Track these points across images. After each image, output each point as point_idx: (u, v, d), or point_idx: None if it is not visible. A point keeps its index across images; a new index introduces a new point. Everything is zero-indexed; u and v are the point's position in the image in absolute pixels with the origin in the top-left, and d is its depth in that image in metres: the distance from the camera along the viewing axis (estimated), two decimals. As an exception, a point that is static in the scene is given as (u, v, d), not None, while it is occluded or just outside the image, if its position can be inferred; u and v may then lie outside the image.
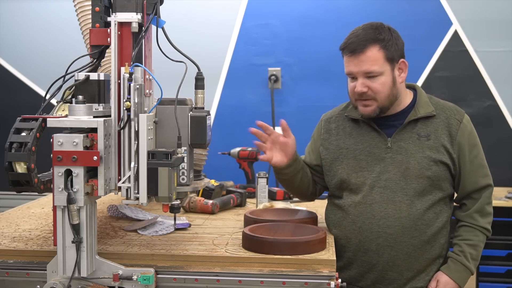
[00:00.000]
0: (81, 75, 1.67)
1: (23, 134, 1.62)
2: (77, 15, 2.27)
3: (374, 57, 1.95)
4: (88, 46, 1.93)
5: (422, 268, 2.02)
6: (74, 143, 1.54)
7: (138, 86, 1.59)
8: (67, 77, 1.75)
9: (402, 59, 2.01)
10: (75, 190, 1.55)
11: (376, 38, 1.95)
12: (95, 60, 1.72)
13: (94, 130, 1.57)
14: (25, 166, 1.60)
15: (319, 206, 2.46)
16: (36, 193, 1.75)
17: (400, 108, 2.05)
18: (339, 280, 1.68)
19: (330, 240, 1.97)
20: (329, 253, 1.82)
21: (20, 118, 1.67)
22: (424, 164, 1.98)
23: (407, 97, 2.07)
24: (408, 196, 1.98)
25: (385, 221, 1.99)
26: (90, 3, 1.70)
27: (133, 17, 1.62)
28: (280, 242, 1.80)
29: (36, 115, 1.67)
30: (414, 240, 1.98)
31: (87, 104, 1.61)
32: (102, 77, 1.68)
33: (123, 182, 1.60)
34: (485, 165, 2.07)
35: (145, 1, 1.65)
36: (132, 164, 1.60)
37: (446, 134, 2.01)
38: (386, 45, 1.96)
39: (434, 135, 2.01)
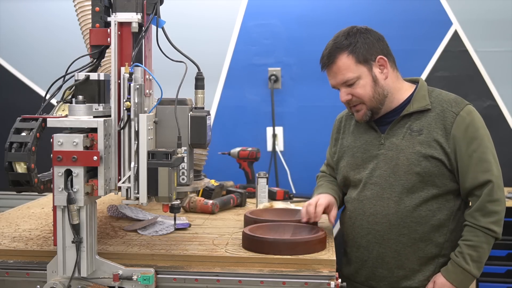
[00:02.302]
0: (81, 75, 1.67)
1: (23, 134, 1.62)
2: (77, 15, 2.27)
3: (344, 65, 1.97)
4: (88, 46, 1.93)
5: (416, 267, 1.99)
6: (74, 143, 1.54)
7: (138, 86, 1.59)
8: (67, 77, 1.75)
9: (379, 56, 1.99)
10: (75, 190, 1.55)
11: (341, 46, 1.98)
12: (95, 60, 1.72)
13: (94, 130, 1.57)
14: (25, 166, 1.60)
15: (319, 206, 2.45)
16: (36, 193, 1.75)
17: (395, 104, 2.04)
18: (339, 280, 1.68)
19: (330, 240, 1.97)
20: (329, 253, 1.82)
21: (20, 118, 1.67)
22: (413, 160, 1.95)
23: (404, 92, 2.05)
24: (396, 192, 1.97)
25: (373, 218, 2.00)
26: (90, 3, 1.71)
27: (133, 17, 1.62)
28: (280, 242, 1.80)
29: (36, 115, 1.67)
30: (402, 238, 1.97)
31: (87, 104, 1.61)
32: (102, 77, 1.68)
33: (123, 182, 1.60)
34: (487, 160, 1.95)
35: (145, 1, 1.65)
36: (132, 164, 1.60)
37: (441, 128, 1.96)
38: (353, 49, 1.97)
39: (427, 129, 1.97)
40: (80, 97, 1.62)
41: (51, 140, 1.55)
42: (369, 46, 1.99)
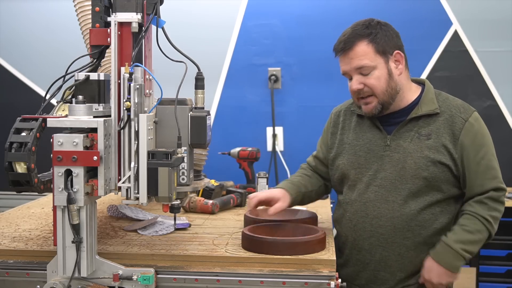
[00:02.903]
0: (81, 75, 1.67)
1: (23, 134, 1.62)
2: (77, 15, 2.27)
3: (363, 51, 1.93)
4: (88, 46, 1.93)
5: (418, 270, 1.97)
6: (74, 143, 1.54)
7: (138, 86, 1.59)
8: (67, 77, 1.75)
9: (397, 51, 1.98)
10: (75, 190, 1.55)
11: (363, 33, 1.95)
12: (95, 60, 1.72)
13: (94, 130, 1.57)
14: (25, 166, 1.60)
15: (319, 206, 2.46)
16: (36, 193, 1.75)
17: (403, 104, 2.01)
18: (339, 280, 1.68)
19: (330, 240, 1.97)
20: (329, 253, 1.81)
21: (20, 118, 1.67)
22: (421, 164, 1.93)
23: (412, 93, 2.02)
24: (402, 196, 1.95)
25: (377, 221, 1.98)
26: (90, 3, 1.71)
27: (133, 17, 1.62)
28: (279, 242, 1.80)
29: (36, 115, 1.67)
30: (406, 241, 1.95)
31: (87, 104, 1.61)
32: (102, 77, 1.68)
33: (123, 182, 1.60)
34: (494, 167, 1.96)
35: (145, 1, 1.65)
36: (132, 164, 1.59)
37: (449, 133, 1.94)
38: (374, 38, 1.94)
39: (435, 134, 1.95)
40: (80, 97, 1.62)
41: (51, 140, 1.55)
42: (389, 39, 1.97)
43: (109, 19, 1.64)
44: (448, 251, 1.91)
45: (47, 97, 1.77)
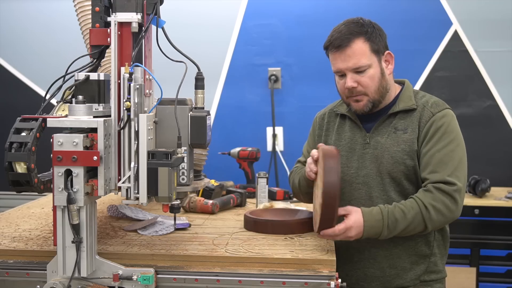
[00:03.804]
0: (81, 75, 1.67)
1: (23, 134, 1.62)
2: (77, 15, 2.27)
3: (360, 50, 1.94)
4: (88, 46, 1.93)
5: (408, 266, 1.98)
6: (74, 143, 1.54)
7: (138, 86, 1.59)
8: (67, 77, 1.75)
9: (387, 51, 2.01)
10: (75, 190, 1.55)
11: (359, 31, 1.95)
12: (95, 60, 1.72)
13: (94, 130, 1.57)
14: (25, 166, 1.60)
15: (319, 206, 2.45)
16: (36, 193, 1.76)
17: (386, 102, 2.03)
18: (339, 280, 1.68)
19: (330, 240, 1.96)
20: (329, 253, 1.82)
21: (20, 118, 1.67)
22: (397, 158, 1.95)
23: (393, 92, 2.05)
24: (385, 191, 1.97)
25: None
26: (90, 3, 1.71)
27: (133, 17, 1.62)
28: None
29: (36, 115, 1.67)
30: (394, 236, 1.94)
31: (87, 104, 1.61)
32: (102, 77, 1.68)
33: (123, 182, 1.60)
34: (452, 163, 1.88)
35: (145, 1, 1.65)
36: (132, 164, 1.60)
37: (418, 126, 1.96)
38: (370, 37, 1.95)
39: (411, 128, 1.97)
40: (80, 97, 1.62)
41: (51, 140, 1.55)
42: (382, 38, 1.99)
43: (109, 19, 1.64)
44: (377, 221, 1.83)
45: (47, 97, 1.77)
